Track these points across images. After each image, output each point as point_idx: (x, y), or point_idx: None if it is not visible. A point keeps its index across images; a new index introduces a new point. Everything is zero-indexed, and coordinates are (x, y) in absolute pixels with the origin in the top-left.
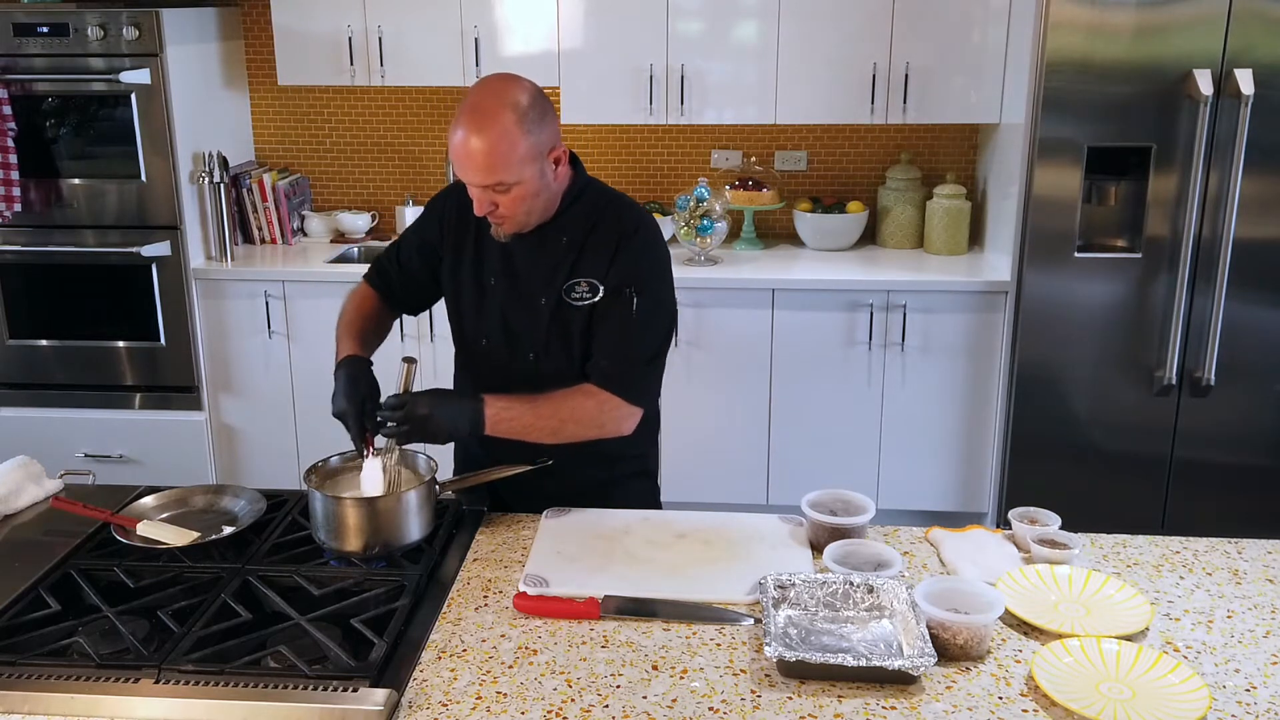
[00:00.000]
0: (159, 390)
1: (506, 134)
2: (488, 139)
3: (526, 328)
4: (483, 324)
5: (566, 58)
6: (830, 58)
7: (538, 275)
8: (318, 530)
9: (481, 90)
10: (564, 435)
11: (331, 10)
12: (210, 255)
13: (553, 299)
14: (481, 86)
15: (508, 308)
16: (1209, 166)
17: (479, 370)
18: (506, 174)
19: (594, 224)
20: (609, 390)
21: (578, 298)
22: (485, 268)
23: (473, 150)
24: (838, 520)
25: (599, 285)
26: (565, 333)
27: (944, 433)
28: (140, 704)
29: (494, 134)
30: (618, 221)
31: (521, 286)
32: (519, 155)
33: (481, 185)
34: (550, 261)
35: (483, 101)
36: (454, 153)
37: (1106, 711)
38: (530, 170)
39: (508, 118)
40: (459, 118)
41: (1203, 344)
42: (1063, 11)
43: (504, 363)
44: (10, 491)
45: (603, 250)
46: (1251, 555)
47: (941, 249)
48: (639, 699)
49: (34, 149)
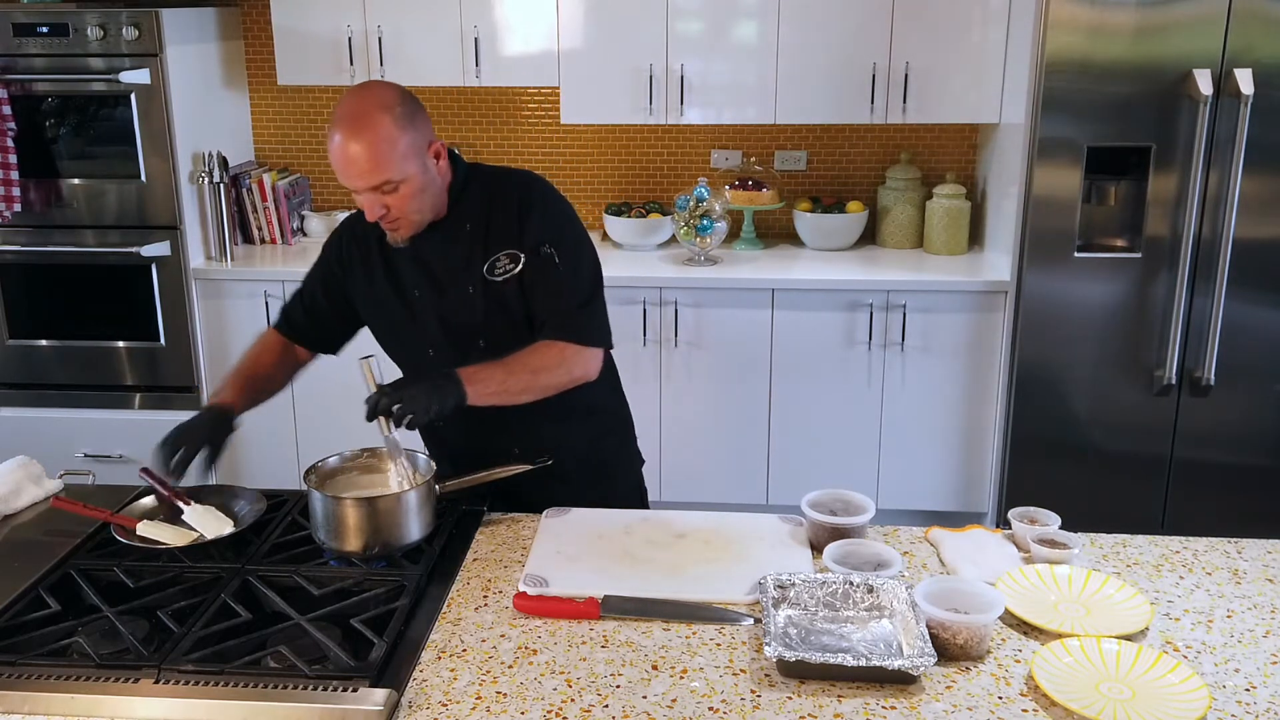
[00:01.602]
0: (159, 390)
1: (384, 131)
2: (366, 139)
3: (466, 321)
4: (422, 337)
5: (566, 58)
6: (830, 58)
7: (455, 268)
8: (317, 530)
9: (350, 98)
10: (538, 387)
11: (331, 10)
12: (210, 255)
13: (478, 283)
14: (349, 95)
15: (441, 311)
16: (1209, 166)
17: None
18: (391, 171)
19: (489, 201)
20: (564, 339)
21: (501, 272)
22: (403, 284)
23: (354, 154)
24: (838, 520)
25: (518, 254)
26: (504, 310)
27: (944, 433)
28: (140, 704)
29: (371, 134)
30: (511, 189)
31: (445, 285)
32: (399, 151)
33: (369, 187)
34: (462, 251)
35: (355, 107)
36: (336, 160)
37: (1106, 711)
38: (413, 166)
39: (382, 118)
40: (334, 127)
41: (1203, 344)
42: (1063, 11)
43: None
44: (10, 491)
45: (507, 221)
46: (1251, 555)
47: (941, 249)
48: (639, 699)
49: (34, 149)
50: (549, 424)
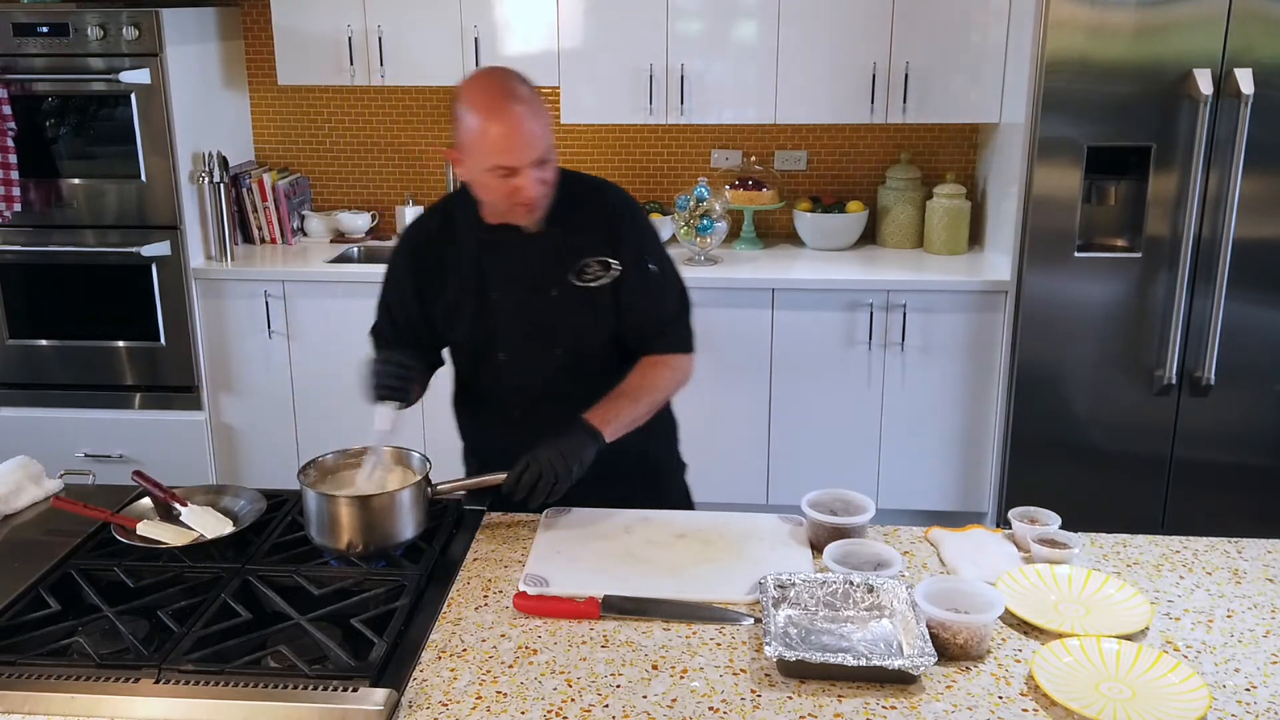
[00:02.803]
0: (159, 390)
1: (541, 105)
2: (534, 111)
3: (546, 324)
4: (496, 340)
5: (566, 58)
6: (830, 58)
7: (539, 270)
8: (310, 527)
9: (497, 80)
10: (657, 405)
11: (331, 10)
12: (210, 255)
13: (563, 287)
14: (493, 79)
15: (521, 314)
16: (1209, 166)
17: (502, 385)
18: (550, 140)
19: (575, 205)
20: (672, 353)
21: (591, 278)
22: (482, 285)
23: (525, 127)
24: (838, 520)
25: (610, 262)
26: (589, 315)
27: (944, 433)
28: (140, 704)
29: (537, 106)
30: (604, 200)
31: (528, 286)
32: (550, 126)
33: (535, 160)
34: (547, 254)
35: (509, 86)
36: (500, 138)
37: (1106, 711)
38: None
39: (534, 93)
40: (488, 109)
41: (1203, 344)
42: (1063, 11)
43: (531, 368)
44: (10, 491)
45: (599, 230)
46: (1251, 555)
47: (941, 249)
48: (639, 699)
49: (34, 149)
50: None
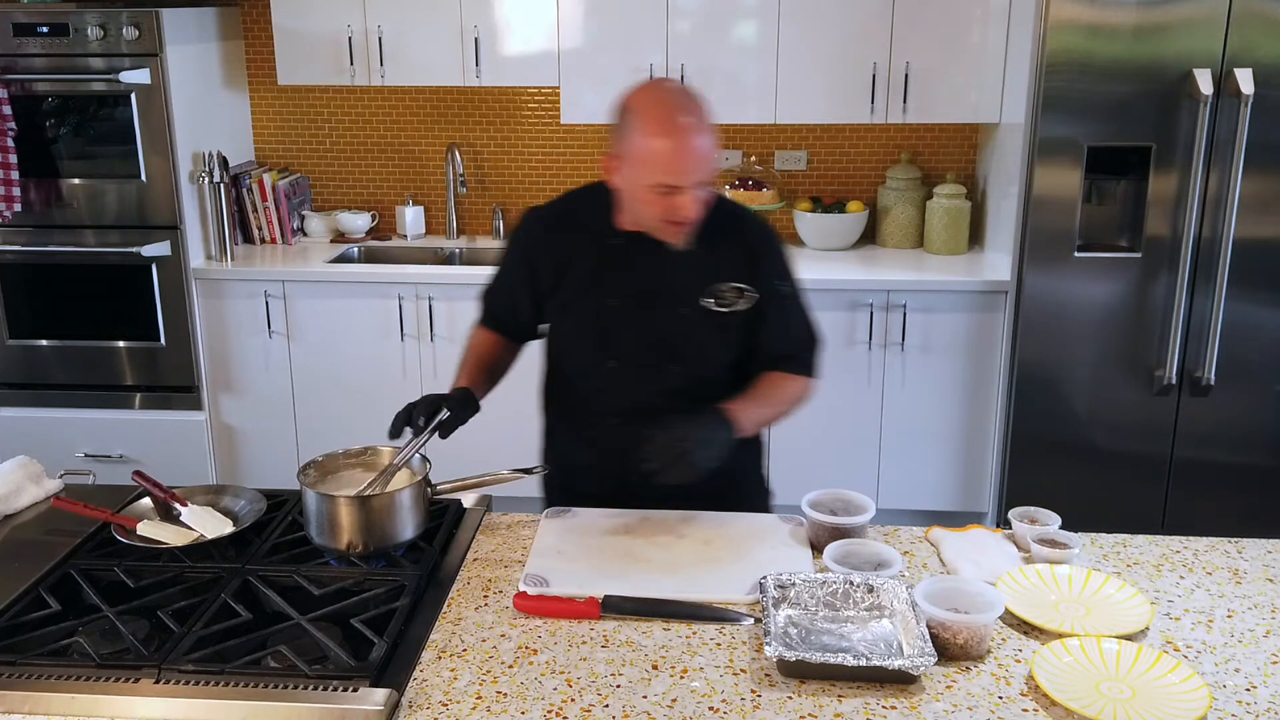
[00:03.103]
0: (159, 390)
1: (711, 128)
2: (706, 134)
3: (667, 341)
4: (608, 347)
5: (566, 58)
6: (830, 58)
7: (668, 287)
8: (310, 527)
9: (668, 96)
10: (782, 418)
11: (331, 10)
12: (210, 255)
13: (694, 307)
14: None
15: (641, 326)
16: (1209, 166)
17: (605, 391)
18: (715, 163)
19: (717, 229)
20: (804, 375)
21: (726, 303)
22: (603, 290)
23: (702, 143)
24: (838, 520)
25: (743, 289)
26: (715, 338)
27: (944, 433)
28: (140, 704)
29: (706, 129)
30: (746, 226)
31: (653, 301)
32: (716, 147)
33: (701, 182)
34: (679, 272)
35: (681, 104)
36: (671, 157)
37: (1106, 711)
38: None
39: (706, 114)
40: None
41: (1203, 344)
42: (1063, 11)
43: (637, 379)
44: (10, 491)
45: (736, 255)
46: (1251, 555)
47: (941, 249)
48: (639, 699)
49: (34, 149)
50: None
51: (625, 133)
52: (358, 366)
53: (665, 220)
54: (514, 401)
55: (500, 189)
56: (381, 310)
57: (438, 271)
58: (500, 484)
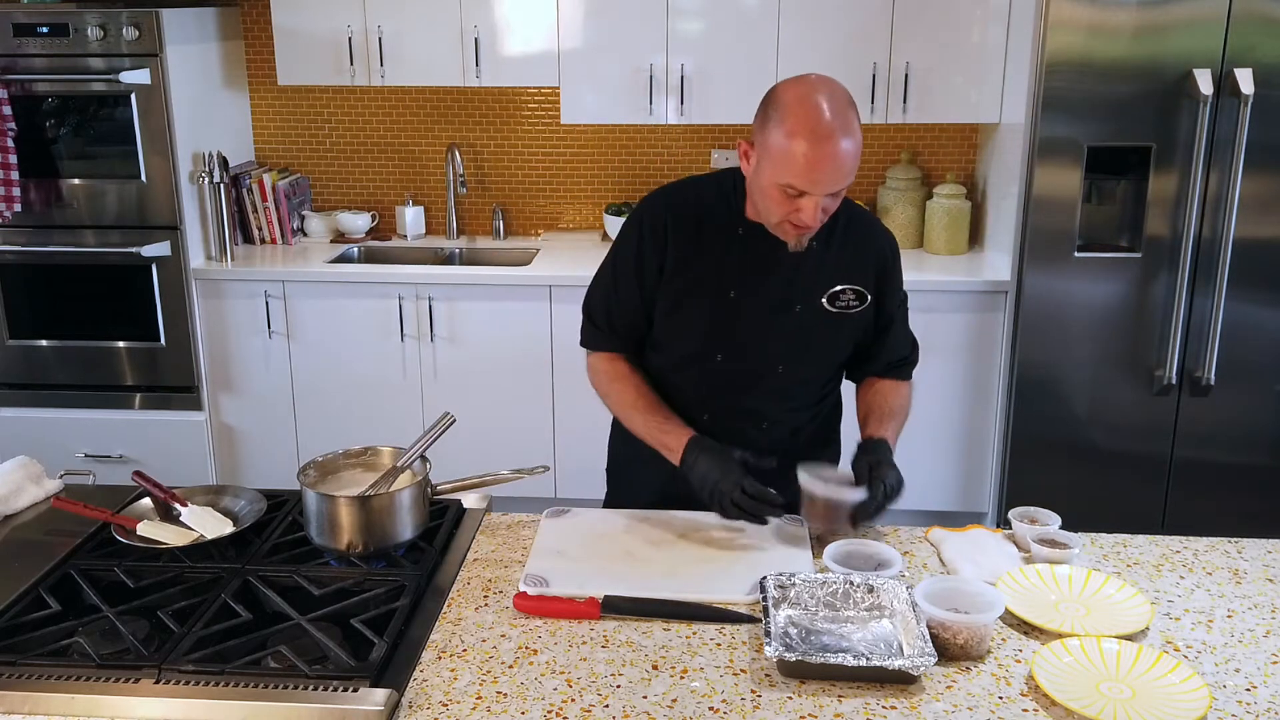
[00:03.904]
0: (159, 390)
1: (859, 142)
2: (855, 142)
3: (778, 338)
4: (718, 340)
5: (566, 58)
6: (830, 58)
7: (790, 283)
8: (310, 527)
9: (827, 101)
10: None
11: (331, 10)
12: (210, 255)
13: (810, 306)
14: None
15: (756, 320)
16: (1209, 166)
17: (704, 386)
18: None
19: (844, 230)
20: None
21: (844, 305)
22: (723, 280)
23: (845, 155)
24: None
25: (866, 294)
26: (827, 340)
27: (944, 433)
28: (140, 704)
29: (857, 136)
30: (875, 234)
31: (772, 296)
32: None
33: (837, 190)
34: (802, 267)
35: (838, 111)
36: (811, 165)
37: (1106, 711)
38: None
39: (858, 126)
40: (813, 133)
41: (1203, 344)
42: (1063, 11)
43: (741, 375)
44: (10, 491)
45: (863, 260)
46: (1251, 555)
47: (941, 249)
48: (639, 699)
49: (34, 149)
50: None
51: (767, 124)
52: (358, 366)
53: (783, 220)
54: (514, 401)
55: (500, 189)
56: (381, 310)
57: (438, 272)
58: (500, 484)
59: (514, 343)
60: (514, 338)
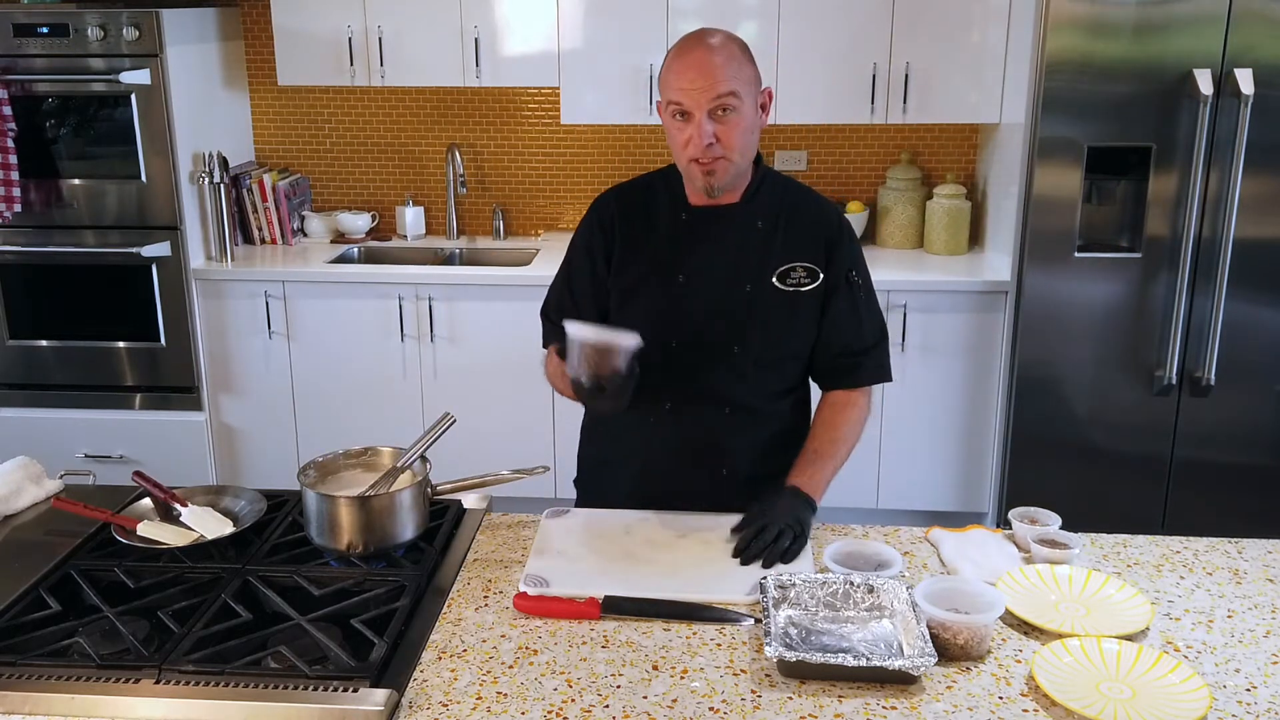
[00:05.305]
0: (159, 390)
1: (737, 49)
2: (721, 43)
3: (730, 319)
4: (673, 327)
5: (566, 58)
6: (830, 58)
7: (737, 262)
8: (310, 527)
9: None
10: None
11: (331, 10)
12: (210, 255)
13: (761, 285)
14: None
15: (708, 303)
16: (1209, 166)
17: (662, 373)
18: (736, 83)
19: (790, 207)
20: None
21: (795, 283)
22: (670, 264)
23: (710, 60)
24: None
25: (818, 271)
26: (779, 318)
27: (944, 433)
28: (140, 704)
29: (728, 47)
30: (823, 212)
31: (720, 276)
32: (746, 73)
33: (714, 96)
34: (749, 247)
35: (704, 31)
36: (682, 66)
37: (1107, 711)
38: (748, 95)
39: (735, 40)
40: (682, 41)
41: (1203, 344)
42: (1063, 11)
43: (697, 358)
44: (10, 492)
45: (811, 237)
46: (1251, 555)
47: (941, 249)
48: (639, 699)
49: (34, 149)
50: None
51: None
52: (358, 367)
53: (685, 158)
54: (514, 402)
55: (500, 189)
56: (381, 310)
57: (438, 272)
58: (500, 484)
59: (514, 343)
60: (514, 338)
